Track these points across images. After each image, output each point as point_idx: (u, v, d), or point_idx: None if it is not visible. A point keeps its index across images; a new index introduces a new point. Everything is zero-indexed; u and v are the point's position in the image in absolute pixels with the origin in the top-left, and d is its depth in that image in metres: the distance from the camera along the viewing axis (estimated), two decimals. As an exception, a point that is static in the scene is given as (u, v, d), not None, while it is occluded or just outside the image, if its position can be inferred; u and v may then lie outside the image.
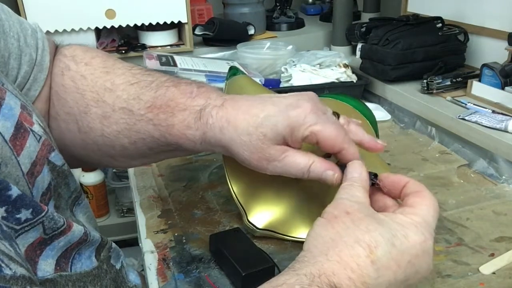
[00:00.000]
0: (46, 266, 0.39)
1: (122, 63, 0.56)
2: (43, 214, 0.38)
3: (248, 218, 0.56)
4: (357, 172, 0.44)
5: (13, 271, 0.30)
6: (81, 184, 1.44)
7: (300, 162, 0.47)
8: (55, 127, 0.54)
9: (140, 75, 0.53)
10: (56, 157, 0.44)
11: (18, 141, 0.39)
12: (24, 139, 0.40)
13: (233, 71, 0.71)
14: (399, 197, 0.44)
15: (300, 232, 0.56)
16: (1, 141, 0.37)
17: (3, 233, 0.33)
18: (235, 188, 0.58)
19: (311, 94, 0.50)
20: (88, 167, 1.43)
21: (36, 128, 0.42)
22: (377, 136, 0.71)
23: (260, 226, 0.56)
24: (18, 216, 0.36)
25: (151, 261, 0.54)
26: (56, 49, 0.56)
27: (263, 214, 0.56)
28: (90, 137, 0.53)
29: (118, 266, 0.51)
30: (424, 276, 0.39)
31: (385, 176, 0.46)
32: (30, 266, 0.38)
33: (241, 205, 0.57)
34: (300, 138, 0.47)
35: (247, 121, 0.47)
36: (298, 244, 0.55)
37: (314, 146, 0.49)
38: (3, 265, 0.30)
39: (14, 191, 0.35)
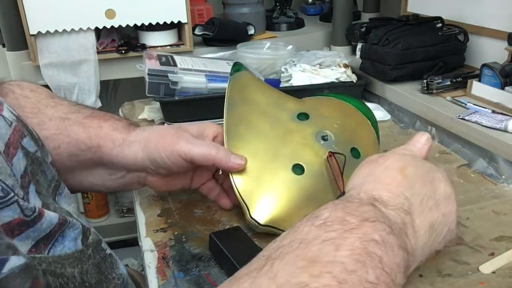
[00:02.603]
0: (20, 247, 0.37)
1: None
2: (12, 194, 0.37)
3: (251, 214, 0.56)
4: (420, 143, 0.50)
5: None
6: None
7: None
8: None
9: (81, 107, 0.60)
10: (28, 143, 0.45)
11: None
12: None
13: (237, 67, 0.72)
14: None
15: None
16: None
17: None
18: (237, 184, 0.58)
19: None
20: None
21: (6, 114, 0.44)
22: (378, 136, 0.71)
23: (262, 222, 0.56)
24: None
25: (150, 259, 0.54)
26: None
27: (265, 211, 0.56)
28: None
29: (108, 252, 0.50)
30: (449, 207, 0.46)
31: None
32: None
33: (243, 201, 0.57)
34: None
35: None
36: (298, 243, 0.55)
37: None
38: None
39: None
